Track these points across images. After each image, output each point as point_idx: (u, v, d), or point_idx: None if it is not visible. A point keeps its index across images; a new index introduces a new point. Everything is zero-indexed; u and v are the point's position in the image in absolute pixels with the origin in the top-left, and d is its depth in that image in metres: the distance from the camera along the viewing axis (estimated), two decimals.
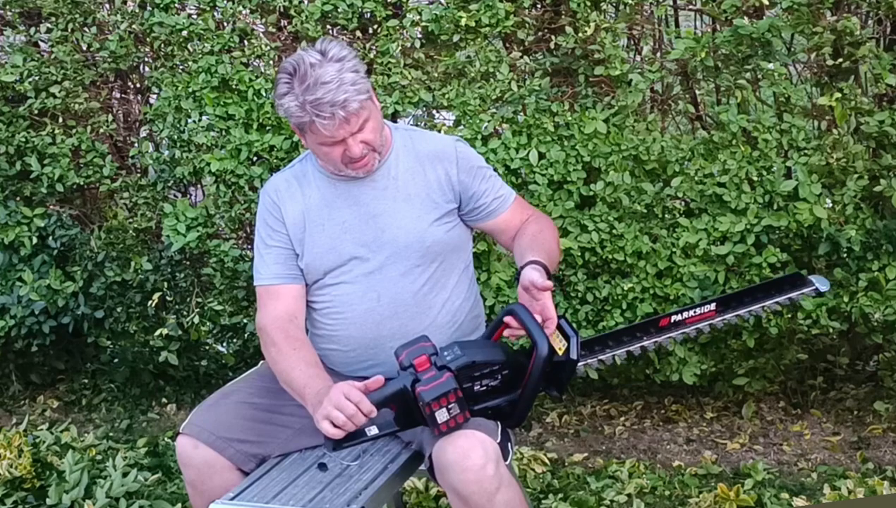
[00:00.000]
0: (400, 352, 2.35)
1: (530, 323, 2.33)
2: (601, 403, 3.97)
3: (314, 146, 2.49)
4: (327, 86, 2.36)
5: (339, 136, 2.42)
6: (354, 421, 2.28)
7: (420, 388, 2.28)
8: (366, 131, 2.45)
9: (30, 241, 4.03)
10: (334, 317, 2.57)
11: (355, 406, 2.27)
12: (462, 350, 2.34)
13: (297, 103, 2.39)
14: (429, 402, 2.27)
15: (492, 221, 2.66)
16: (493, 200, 2.64)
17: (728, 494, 3.15)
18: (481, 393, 2.35)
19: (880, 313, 3.28)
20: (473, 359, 2.33)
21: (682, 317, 2.58)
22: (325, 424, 2.29)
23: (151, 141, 4.04)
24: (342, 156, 2.46)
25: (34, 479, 3.39)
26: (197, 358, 4.26)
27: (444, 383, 2.28)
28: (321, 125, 2.39)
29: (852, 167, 3.28)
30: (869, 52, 3.23)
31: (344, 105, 2.37)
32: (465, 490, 2.26)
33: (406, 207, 2.55)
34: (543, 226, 2.65)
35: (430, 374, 2.30)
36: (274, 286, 2.57)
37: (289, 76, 2.41)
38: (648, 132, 3.45)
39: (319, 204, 2.57)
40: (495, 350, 2.39)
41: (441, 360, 2.32)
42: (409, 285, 2.53)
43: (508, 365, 2.37)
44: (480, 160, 2.67)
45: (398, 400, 2.33)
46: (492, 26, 3.49)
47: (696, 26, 3.88)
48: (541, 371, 2.32)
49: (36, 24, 4.01)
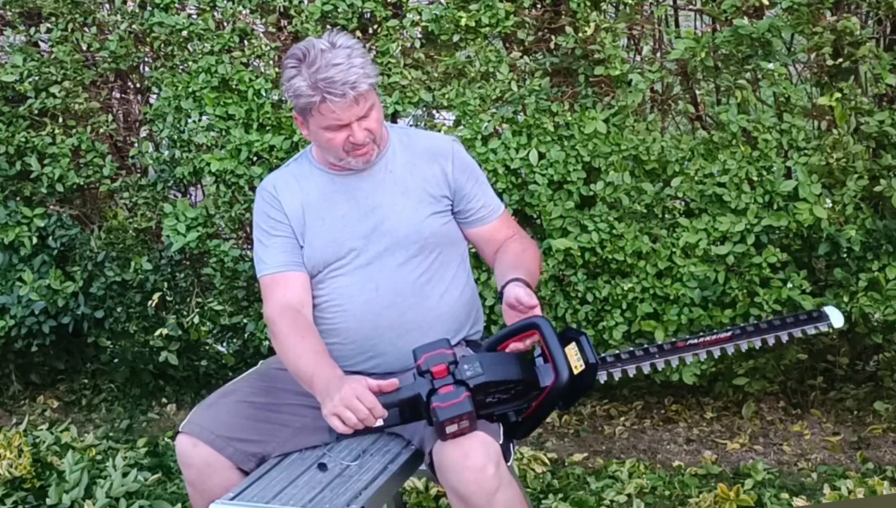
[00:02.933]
0: (419, 355, 2.31)
1: (553, 346, 2.30)
2: (601, 403, 3.97)
3: (317, 131, 2.48)
4: (339, 67, 2.38)
5: (346, 119, 2.42)
6: (366, 424, 2.28)
7: (436, 404, 2.26)
8: (370, 119, 2.46)
9: (30, 241, 4.02)
10: (333, 311, 2.56)
11: (368, 410, 2.27)
12: (483, 367, 2.30)
13: (308, 83, 2.39)
14: (443, 421, 2.25)
15: (477, 229, 2.66)
16: (482, 207, 2.65)
17: (728, 494, 3.14)
18: (491, 402, 2.33)
19: (880, 313, 3.27)
20: (492, 378, 2.30)
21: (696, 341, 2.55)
22: (335, 420, 2.29)
23: (151, 141, 4.04)
24: (344, 142, 2.46)
25: (34, 479, 3.39)
26: (197, 358, 4.26)
27: (461, 404, 2.25)
28: (332, 103, 2.38)
29: (852, 167, 3.28)
30: (869, 52, 3.23)
31: (355, 85, 2.38)
32: (464, 490, 2.26)
33: (404, 200, 2.56)
34: (527, 247, 2.66)
35: (447, 389, 2.26)
36: (280, 274, 2.55)
37: (297, 60, 2.42)
38: (648, 132, 3.45)
39: (318, 198, 2.57)
40: (513, 367, 2.35)
41: (460, 374, 2.28)
42: (407, 275, 2.54)
43: (525, 383, 2.34)
44: (475, 164, 2.69)
45: (411, 402, 2.32)
46: (492, 26, 3.49)
47: (696, 26, 3.88)
48: (557, 396, 2.31)
49: (36, 24, 4.01)
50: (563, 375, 2.29)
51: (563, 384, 2.29)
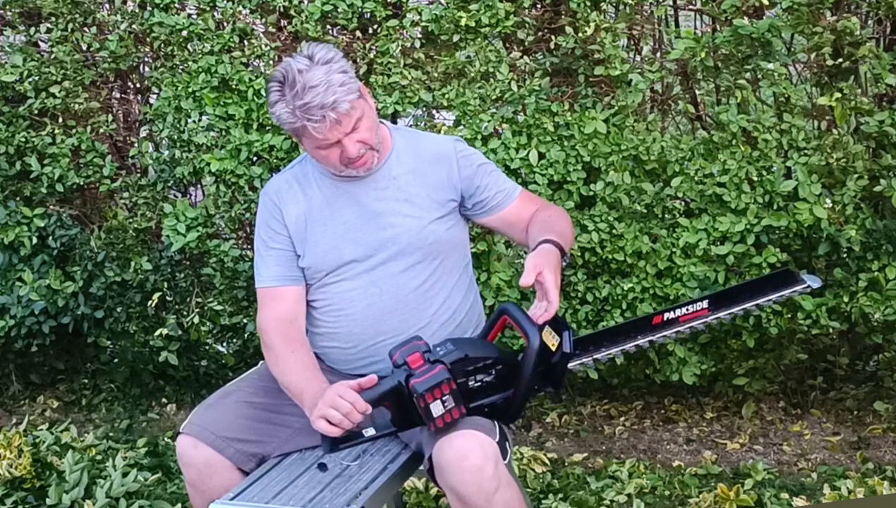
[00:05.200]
0: (394, 352, 2.38)
1: (521, 319, 2.37)
2: (601, 403, 3.97)
3: (311, 150, 2.50)
4: (315, 90, 2.37)
5: (333, 138, 2.43)
6: (350, 419, 2.29)
7: (414, 381, 2.31)
8: (360, 130, 2.46)
9: (30, 241, 4.02)
10: (335, 314, 2.57)
11: (350, 404, 2.28)
12: (455, 345, 2.38)
13: (289, 110, 2.40)
14: (422, 393, 2.29)
15: (498, 215, 2.66)
16: (497, 193, 2.65)
17: (728, 494, 3.15)
18: (476, 389, 2.37)
19: (880, 313, 3.27)
20: (466, 353, 2.36)
21: (674, 315, 2.58)
22: (322, 423, 2.30)
23: (151, 141, 4.04)
24: (340, 157, 2.47)
25: (34, 479, 3.39)
26: (197, 358, 4.26)
27: (437, 374, 2.30)
28: (313, 129, 2.39)
29: (852, 167, 3.28)
30: (869, 51, 3.23)
31: (334, 106, 2.38)
32: (463, 490, 2.26)
33: (407, 207, 2.56)
34: (553, 213, 2.67)
35: (423, 368, 2.32)
36: (274, 288, 2.58)
37: (279, 84, 2.42)
38: (648, 132, 3.45)
39: (322, 203, 2.57)
40: (488, 346, 2.44)
41: (434, 356, 2.35)
42: (409, 281, 2.54)
43: (502, 361, 2.40)
44: (481, 157, 2.69)
45: (393, 397, 2.35)
46: (492, 26, 3.49)
47: (696, 26, 3.88)
48: (533, 363, 2.35)
49: (36, 24, 4.01)
50: (535, 340, 2.33)
51: (535, 348, 2.33)
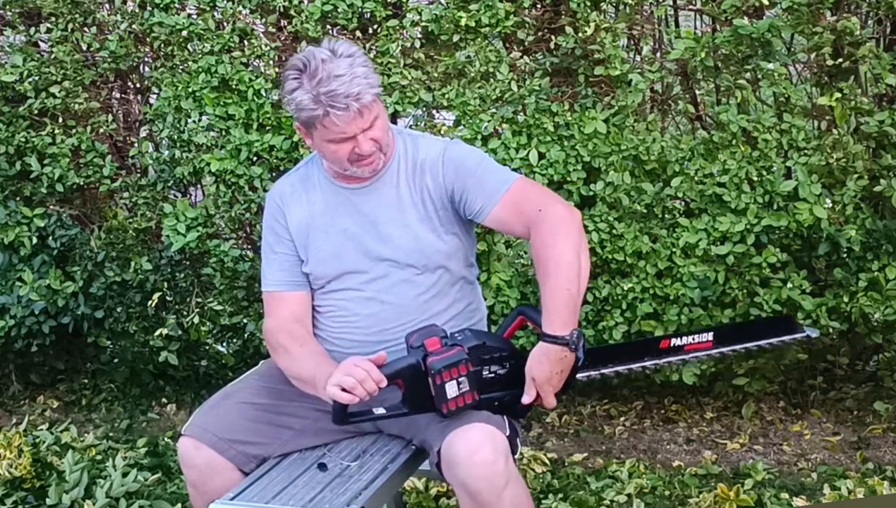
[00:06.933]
0: (410, 337, 2.38)
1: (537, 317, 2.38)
2: (601, 403, 3.97)
3: (321, 144, 2.44)
4: (341, 79, 2.33)
5: (350, 132, 2.38)
6: (365, 387, 2.29)
7: (432, 359, 2.32)
8: (375, 128, 2.42)
9: (30, 241, 4.02)
10: (339, 321, 2.56)
11: (366, 372, 2.29)
12: (472, 333, 2.40)
13: (311, 96, 2.35)
14: (440, 370, 2.30)
15: (484, 220, 2.50)
16: (480, 198, 2.48)
17: (728, 494, 3.15)
18: (490, 380, 2.38)
19: (880, 313, 3.28)
20: (484, 341, 2.39)
21: (681, 342, 2.58)
22: (335, 390, 2.30)
23: (151, 141, 4.03)
24: (350, 153, 2.43)
25: (34, 479, 3.39)
26: (197, 358, 4.26)
27: (456, 354, 2.32)
28: (336, 116, 2.34)
29: (852, 167, 3.28)
30: (869, 51, 3.23)
31: (358, 97, 2.34)
32: (474, 485, 2.26)
33: (406, 217, 2.52)
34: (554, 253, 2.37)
35: (441, 349, 2.34)
36: (279, 292, 2.58)
37: (298, 72, 2.38)
38: (648, 132, 3.45)
39: (323, 210, 2.55)
40: (505, 341, 2.46)
41: (452, 340, 2.37)
42: (411, 290, 2.52)
43: (516, 356, 2.41)
44: (470, 160, 2.52)
45: (408, 375, 2.35)
46: (492, 26, 3.49)
47: (696, 26, 3.88)
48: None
49: (36, 24, 4.01)
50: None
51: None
